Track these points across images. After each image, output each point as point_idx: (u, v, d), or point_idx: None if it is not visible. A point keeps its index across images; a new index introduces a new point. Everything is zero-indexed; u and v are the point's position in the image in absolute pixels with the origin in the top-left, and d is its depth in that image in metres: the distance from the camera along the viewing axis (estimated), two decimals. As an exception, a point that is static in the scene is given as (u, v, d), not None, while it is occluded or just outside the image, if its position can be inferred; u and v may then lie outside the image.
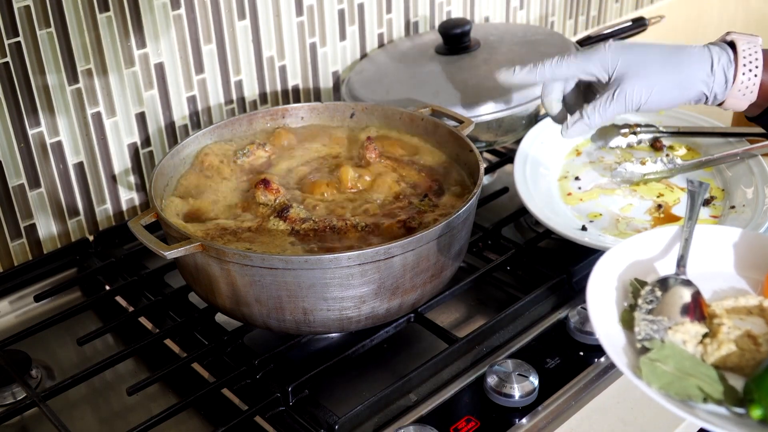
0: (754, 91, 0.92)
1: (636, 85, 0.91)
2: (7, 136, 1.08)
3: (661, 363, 0.72)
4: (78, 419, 0.93)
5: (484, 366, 0.94)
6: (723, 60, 0.91)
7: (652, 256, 0.84)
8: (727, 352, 0.73)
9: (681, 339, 0.75)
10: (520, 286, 1.06)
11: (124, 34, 1.14)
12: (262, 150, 1.11)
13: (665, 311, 0.76)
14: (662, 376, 0.71)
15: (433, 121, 1.12)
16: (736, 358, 0.74)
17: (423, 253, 0.89)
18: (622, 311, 0.78)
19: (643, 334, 0.75)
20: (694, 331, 0.75)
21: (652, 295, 0.78)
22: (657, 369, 0.71)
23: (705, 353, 0.74)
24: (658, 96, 0.91)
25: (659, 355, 0.72)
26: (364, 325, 0.93)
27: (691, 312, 0.77)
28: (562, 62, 0.97)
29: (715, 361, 0.74)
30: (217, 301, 0.93)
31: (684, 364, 0.72)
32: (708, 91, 0.92)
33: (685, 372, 0.72)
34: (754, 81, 0.91)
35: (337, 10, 1.37)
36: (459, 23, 1.33)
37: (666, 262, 0.84)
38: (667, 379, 0.71)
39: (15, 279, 1.12)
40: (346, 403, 0.90)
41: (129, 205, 1.24)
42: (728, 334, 0.74)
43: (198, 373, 0.97)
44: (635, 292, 0.79)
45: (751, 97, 0.92)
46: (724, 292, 0.82)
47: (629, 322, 0.76)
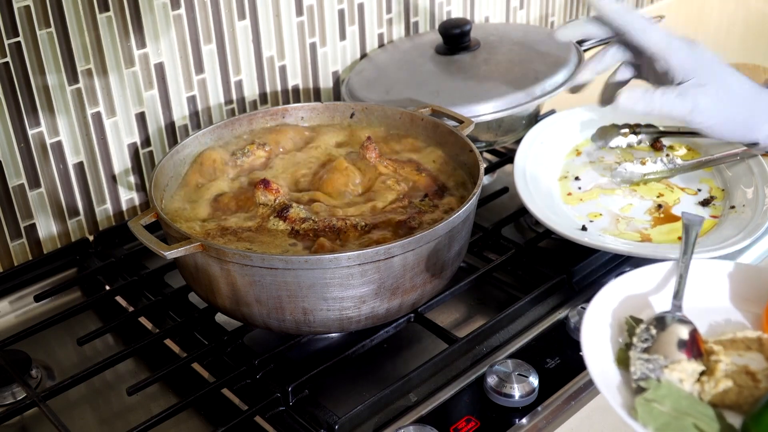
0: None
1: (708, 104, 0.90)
2: (7, 136, 1.08)
3: (658, 403, 0.70)
4: (78, 419, 0.93)
5: (484, 366, 0.94)
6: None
7: (647, 291, 0.83)
8: (725, 389, 0.72)
9: (678, 377, 0.73)
10: (520, 286, 1.06)
11: (124, 34, 1.14)
12: (262, 150, 1.11)
13: (661, 350, 0.75)
14: (658, 417, 0.69)
15: (433, 121, 1.12)
16: (734, 395, 0.73)
17: (423, 253, 0.89)
18: (617, 350, 0.76)
19: (639, 373, 0.73)
20: (690, 369, 0.74)
21: (647, 334, 0.76)
22: (653, 410, 0.70)
23: (702, 391, 0.73)
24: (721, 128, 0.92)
25: (655, 395, 0.71)
26: (364, 325, 0.93)
27: (687, 349, 0.75)
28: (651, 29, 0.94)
29: (712, 399, 0.73)
30: (217, 301, 0.93)
31: (681, 403, 0.71)
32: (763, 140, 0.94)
33: (682, 412, 0.70)
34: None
35: (337, 10, 1.37)
36: (459, 23, 1.33)
37: (661, 297, 0.83)
38: (663, 419, 0.69)
39: (15, 279, 1.12)
40: (346, 403, 0.90)
41: (129, 205, 1.24)
42: (725, 371, 0.73)
43: (198, 373, 0.97)
44: (630, 330, 0.77)
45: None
46: (720, 326, 0.81)
47: (625, 361, 0.75)
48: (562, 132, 1.29)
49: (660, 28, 0.95)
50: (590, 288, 1.06)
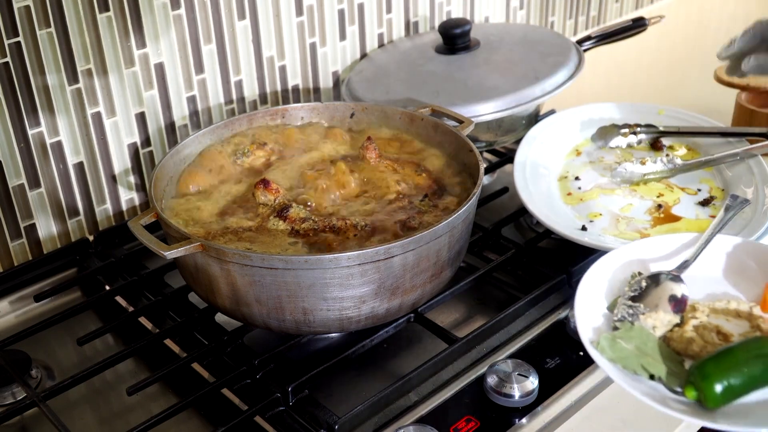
0: None
1: None
2: (7, 136, 1.08)
3: (624, 341, 0.77)
4: (78, 419, 0.93)
5: (484, 366, 0.94)
6: None
7: (659, 257, 0.87)
8: (689, 339, 0.78)
9: (652, 324, 0.80)
10: (520, 286, 1.06)
11: (124, 34, 1.14)
12: (262, 150, 1.11)
13: (648, 302, 0.82)
14: (617, 351, 0.76)
15: (433, 121, 1.12)
16: (698, 348, 0.78)
17: (423, 253, 0.89)
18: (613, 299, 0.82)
19: (619, 315, 0.81)
20: (666, 319, 0.81)
21: (638, 285, 0.83)
22: (616, 344, 0.77)
23: (670, 338, 0.80)
24: None
25: (624, 335, 0.78)
26: (364, 325, 0.93)
27: (672, 305, 0.82)
28: None
29: (677, 347, 0.79)
30: (217, 301, 0.93)
31: (646, 345, 0.77)
32: None
33: (643, 352, 0.77)
34: None
35: (337, 10, 1.37)
36: (459, 23, 1.33)
37: (670, 264, 0.87)
38: (620, 354, 0.76)
39: (15, 279, 1.12)
40: (346, 403, 0.90)
41: (129, 205, 1.24)
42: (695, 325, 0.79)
43: (198, 373, 0.97)
44: None
45: None
46: (717, 296, 0.85)
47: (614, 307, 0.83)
48: (562, 132, 1.29)
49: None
50: (590, 288, 1.06)
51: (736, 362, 0.72)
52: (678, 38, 1.86)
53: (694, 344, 0.79)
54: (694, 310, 0.82)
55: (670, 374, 0.75)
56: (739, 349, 0.73)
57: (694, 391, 0.72)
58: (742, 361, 0.72)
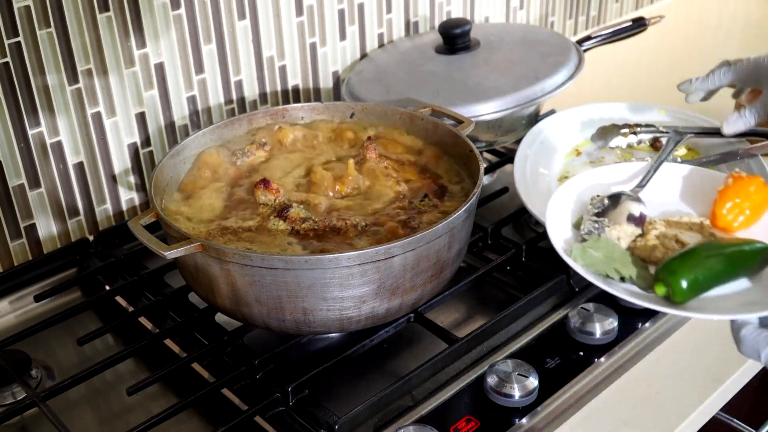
0: None
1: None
2: (7, 136, 1.08)
3: (593, 250, 0.85)
4: (78, 419, 0.93)
5: (484, 366, 0.94)
6: None
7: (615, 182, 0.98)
8: (652, 246, 0.86)
9: (616, 236, 0.89)
10: (520, 286, 1.06)
11: (124, 34, 1.14)
12: (262, 150, 1.11)
13: (610, 217, 0.91)
14: (589, 258, 0.84)
15: (433, 121, 1.12)
16: (660, 254, 0.86)
17: (423, 253, 0.89)
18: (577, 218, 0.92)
19: (586, 229, 0.89)
20: (630, 231, 0.90)
21: (600, 203, 0.92)
22: (587, 253, 0.85)
23: (634, 247, 0.89)
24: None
25: (593, 245, 0.86)
26: (364, 325, 0.93)
27: (633, 221, 0.91)
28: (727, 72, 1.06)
29: (641, 254, 0.88)
30: (217, 301, 0.93)
31: (613, 253, 0.86)
32: None
33: (612, 258, 0.85)
34: None
35: (337, 10, 1.37)
36: (459, 23, 1.33)
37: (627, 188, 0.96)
38: (592, 260, 0.84)
39: (15, 279, 1.12)
40: (346, 403, 0.90)
41: (129, 205, 1.24)
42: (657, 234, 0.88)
43: (198, 373, 0.97)
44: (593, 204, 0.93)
45: None
46: (671, 213, 0.93)
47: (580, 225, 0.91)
48: (562, 132, 1.29)
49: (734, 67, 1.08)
50: (590, 288, 1.06)
51: (699, 260, 0.79)
52: (678, 38, 1.86)
53: (657, 251, 0.86)
54: (652, 224, 0.90)
55: (639, 277, 0.83)
56: (701, 248, 0.81)
57: (663, 288, 0.78)
58: (704, 259, 0.79)
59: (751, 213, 0.86)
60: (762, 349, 0.72)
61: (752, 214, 0.86)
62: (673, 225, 0.89)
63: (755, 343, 0.73)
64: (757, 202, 0.87)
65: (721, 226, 0.86)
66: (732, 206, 0.86)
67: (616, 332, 0.97)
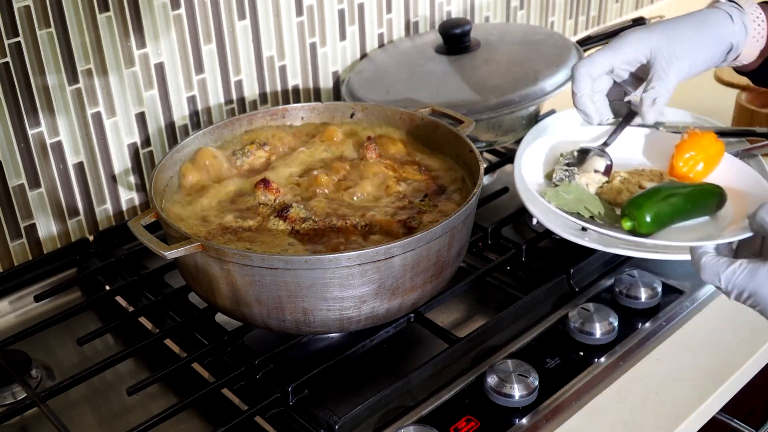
0: (763, 36, 0.97)
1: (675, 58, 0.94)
2: (7, 136, 1.08)
3: (565, 193, 0.94)
4: (78, 419, 0.93)
5: (484, 366, 0.94)
6: (735, 12, 0.96)
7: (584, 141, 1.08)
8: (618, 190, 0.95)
9: (585, 182, 0.99)
10: (520, 286, 1.06)
11: (124, 34, 1.14)
12: (262, 150, 1.11)
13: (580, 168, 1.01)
14: (562, 199, 0.93)
15: (433, 121, 1.12)
16: (625, 197, 0.95)
17: (423, 253, 0.89)
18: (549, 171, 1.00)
19: (557, 177, 1.00)
20: (597, 179, 1.00)
21: (571, 155, 1.03)
22: (559, 195, 0.93)
23: (602, 192, 0.99)
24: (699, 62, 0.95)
25: (564, 189, 0.95)
26: (364, 325, 0.93)
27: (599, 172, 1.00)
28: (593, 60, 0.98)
29: (608, 198, 0.98)
30: (217, 301, 0.93)
31: (582, 196, 0.95)
32: (734, 41, 0.96)
33: (582, 200, 0.94)
34: (763, 26, 0.96)
35: (337, 10, 1.37)
36: (459, 23, 1.33)
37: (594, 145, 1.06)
38: (564, 201, 0.92)
39: (15, 279, 1.12)
40: (346, 403, 0.90)
41: (129, 205, 1.24)
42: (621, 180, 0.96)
43: (198, 373, 0.97)
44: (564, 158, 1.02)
45: (762, 42, 0.97)
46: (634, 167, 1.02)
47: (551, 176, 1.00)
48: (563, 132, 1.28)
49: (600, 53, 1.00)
50: (590, 288, 1.06)
51: (661, 197, 0.85)
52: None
53: (623, 194, 0.95)
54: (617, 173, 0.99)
55: (606, 215, 0.91)
56: (663, 188, 0.88)
57: (629, 222, 0.84)
58: (666, 197, 0.85)
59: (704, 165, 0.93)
60: (721, 272, 0.75)
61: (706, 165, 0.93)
62: (635, 175, 0.96)
63: (715, 268, 0.75)
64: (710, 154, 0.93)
65: (679, 176, 0.93)
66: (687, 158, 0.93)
67: (616, 332, 0.97)
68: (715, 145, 0.93)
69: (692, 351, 0.98)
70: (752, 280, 0.73)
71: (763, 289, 0.73)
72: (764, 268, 0.73)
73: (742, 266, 0.74)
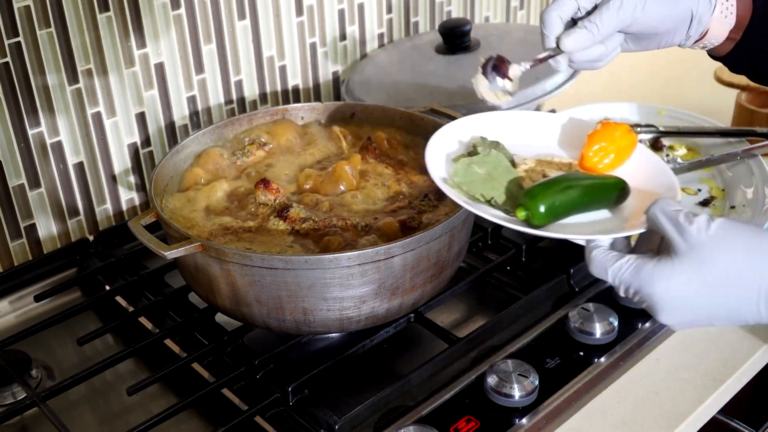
0: (733, 13, 0.92)
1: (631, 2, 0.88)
2: (7, 136, 1.08)
3: (477, 166, 0.86)
4: (78, 419, 0.93)
5: (484, 366, 0.94)
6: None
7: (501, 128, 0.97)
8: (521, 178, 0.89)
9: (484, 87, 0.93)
10: (520, 286, 1.06)
11: (124, 34, 1.14)
12: (262, 150, 1.11)
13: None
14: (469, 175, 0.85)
15: (433, 121, 1.12)
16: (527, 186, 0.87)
17: (423, 253, 0.89)
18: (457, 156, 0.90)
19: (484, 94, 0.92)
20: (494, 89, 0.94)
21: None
22: (470, 169, 0.86)
23: None
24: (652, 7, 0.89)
25: (480, 160, 0.87)
26: (364, 325, 0.93)
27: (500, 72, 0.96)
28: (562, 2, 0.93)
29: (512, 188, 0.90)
30: (217, 301, 0.93)
31: (496, 170, 0.87)
32: (695, 9, 0.91)
33: (492, 177, 0.86)
34: (733, 2, 0.92)
35: (337, 10, 1.37)
36: (459, 23, 1.33)
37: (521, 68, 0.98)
38: (471, 178, 0.85)
39: (15, 279, 1.12)
40: (346, 403, 0.90)
41: (129, 205, 1.24)
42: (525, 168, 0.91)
43: (198, 373, 0.97)
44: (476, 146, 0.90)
45: (731, 20, 0.93)
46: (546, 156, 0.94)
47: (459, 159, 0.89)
48: None
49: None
50: (590, 288, 1.06)
51: (558, 188, 0.82)
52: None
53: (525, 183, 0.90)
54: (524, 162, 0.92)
55: (508, 199, 0.85)
56: (562, 179, 0.85)
57: (523, 211, 0.81)
58: (564, 188, 0.83)
59: (615, 156, 0.91)
60: (609, 267, 0.75)
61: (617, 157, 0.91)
62: (544, 165, 0.93)
63: (603, 262, 0.75)
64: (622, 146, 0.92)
65: (588, 166, 0.91)
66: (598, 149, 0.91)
67: (616, 332, 0.97)
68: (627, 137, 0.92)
69: (692, 351, 0.98)
70: (637, 276, 0.73)
71: (647, 286, 0.73)
72: (650, 265, 0.73)
73: (629, 262, 0.74)
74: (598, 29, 0.89)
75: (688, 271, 0.71)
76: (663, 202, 0.74)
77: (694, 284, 0.71)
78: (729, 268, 0.71)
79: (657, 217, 0.74)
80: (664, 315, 0.74)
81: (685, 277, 0.71)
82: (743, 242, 0.71)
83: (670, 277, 0.72)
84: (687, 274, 0.71)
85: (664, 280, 0.72)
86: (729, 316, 0.73)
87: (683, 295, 0.72)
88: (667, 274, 0.72)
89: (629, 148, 0.92)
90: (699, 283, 0.71)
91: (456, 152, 0.90)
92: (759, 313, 0.72)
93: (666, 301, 0.73)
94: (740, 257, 0.71)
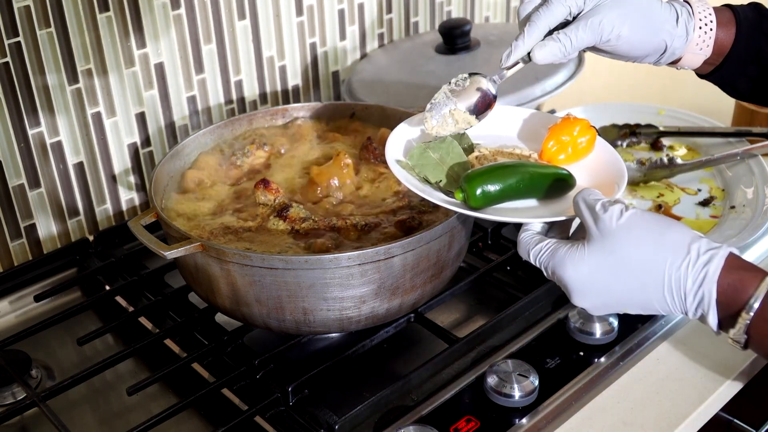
0: (710, 46, 0.94)
1: (610, 15, 0.90)
2: (7, 136, 1.08)
3: (432, 152, 0.90)
4: (78, 419, 0.93)
5: (484, 366, 0.94)
6: (684, 15, 0.93)
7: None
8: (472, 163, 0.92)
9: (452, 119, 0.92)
10: (520, 286, 1.06)
11: (124, 34, 1.14)
12: (262, 150, 1.11)
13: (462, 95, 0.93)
14: (423, 159, 0.89)
15: (433, 121, 1.12)
16: None
17: (423, 253, 0.89)
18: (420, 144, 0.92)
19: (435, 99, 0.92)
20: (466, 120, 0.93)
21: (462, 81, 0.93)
22: (425, 154, 0.90)
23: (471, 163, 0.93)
24: (629, 32, 0.90)
25: (435, 146, 0.91)
26: (364, 325, 0.93)
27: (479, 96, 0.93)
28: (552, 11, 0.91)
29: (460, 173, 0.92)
30: (217, 301, 0.93)
31: (448, 155, 0.91)
32: (669, 42, 0.93)
33: (444, 161, 0.90)
34: (711, 35, 0.94)
35: (337, 10, 1.37)
36: (459, 23, 1.33)
37: None
38: (424, 161, 0.89)
39: (15, 279, 1.12)
40: (346, 403, 0.89)
41: (129, 205, 1.24)
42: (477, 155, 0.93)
43: (198, 373, 0.97)
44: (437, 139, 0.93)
45: (707, 52, 0.95)
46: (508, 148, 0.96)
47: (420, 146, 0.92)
48: None
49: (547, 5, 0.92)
50: (590, 288, 1.05)
51: (496, 174, 0.86)
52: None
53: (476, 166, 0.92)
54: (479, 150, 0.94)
55: (453, 182, 0.89)
56: (503, 165, 0.88)
57: (461, 194, 0.85)
58: (502, 174, 0.86)
59: (573, 150, 0.93)
60: (530, 249, 0.80)
61: (574, 151, 0.93)
62: (500, 154, 0.94)
63: (527, 244, 0.81)
64: (580, 141, 0.94)
65: (546, 159, 0.93)
66: (556, 142, 0.93)
67: (616, 332, 0.97)
68: (586, 132, 0.94)
69: (692, 351, 0.98)
70: (553, 258, 0.78)
71: (559, 268, 0.78)
72: (563, 249, 0.78)
73: (548, 245, 0.79)
74: (572, 44, 0.90)
75: (597, 257, 0.76)
76: (587, 191, 0.79)
77: (603, 270, 0.76)
78: (635, 256, 0.75)
79: (578, 204, 0.79)
80: (576, 297, 0.78)
81: (594, 262, 0.76)
82: (650, 233, 0.75)
83: (580, 261, 0.76)
84: (595, 259, 0.76)
85: (574, 264, 0.77)
86: (640, 303, 0.77)
87: (592, 279, 0.76)
88: (577, 258, 0.76)
89: (589, 143, 0.94)
90: (607, 269, 0.76)
91: (421, 139, 0.94)
92: (666, 302, 0.75)
93: (576, 284, 0.77)
94: (646, 247, 0.75)
